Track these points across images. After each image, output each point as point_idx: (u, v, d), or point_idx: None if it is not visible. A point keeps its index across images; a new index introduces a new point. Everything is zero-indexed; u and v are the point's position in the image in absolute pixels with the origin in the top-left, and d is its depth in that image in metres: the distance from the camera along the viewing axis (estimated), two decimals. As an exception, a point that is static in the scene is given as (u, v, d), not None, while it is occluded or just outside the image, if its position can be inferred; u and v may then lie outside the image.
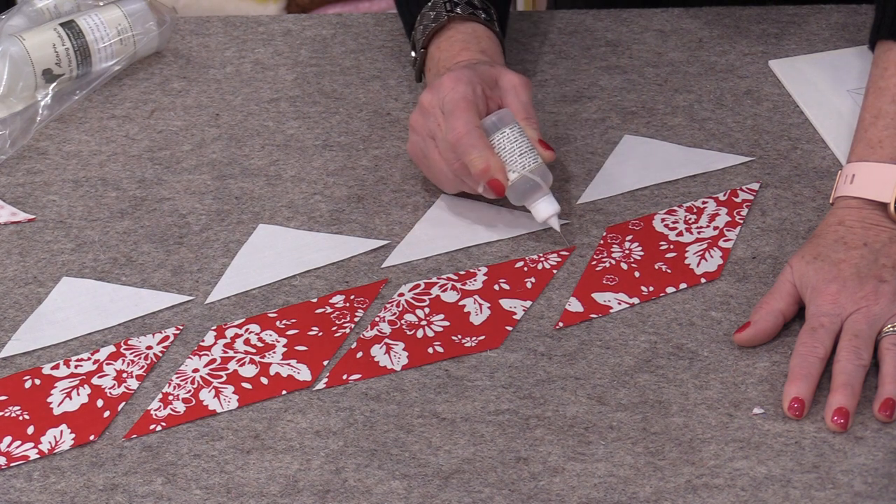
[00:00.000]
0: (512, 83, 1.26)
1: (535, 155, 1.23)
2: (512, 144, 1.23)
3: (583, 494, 1.04)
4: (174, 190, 1.33)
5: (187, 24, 1.55)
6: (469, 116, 1.22)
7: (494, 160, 1.22)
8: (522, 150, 1.23)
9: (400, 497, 1.05)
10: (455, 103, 1.23)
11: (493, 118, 1.24)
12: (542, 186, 1.23)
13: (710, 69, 1.44)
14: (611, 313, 1.19)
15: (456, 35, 1.33)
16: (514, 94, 1.26)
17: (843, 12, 1.49)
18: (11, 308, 1.22)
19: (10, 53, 1.41)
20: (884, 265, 1.15)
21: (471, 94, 1.23)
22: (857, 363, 1.10)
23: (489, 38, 1.33)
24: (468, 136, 1.22)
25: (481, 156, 1.22)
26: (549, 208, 1.23)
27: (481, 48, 1.32)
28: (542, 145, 1.25)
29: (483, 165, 1.22)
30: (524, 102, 1.26)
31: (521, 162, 1.23)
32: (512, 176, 1.23)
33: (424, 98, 1.26)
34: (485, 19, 1.33)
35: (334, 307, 1.20)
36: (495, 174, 1.22)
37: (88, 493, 1.06)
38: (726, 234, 1.25)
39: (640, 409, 1.10)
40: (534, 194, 1.23)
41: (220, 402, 1.12)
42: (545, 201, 1.23)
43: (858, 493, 1.03)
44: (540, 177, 1.23)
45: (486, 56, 1.31)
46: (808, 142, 1.35)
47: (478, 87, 1.25)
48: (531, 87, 1.28)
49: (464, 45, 1.32)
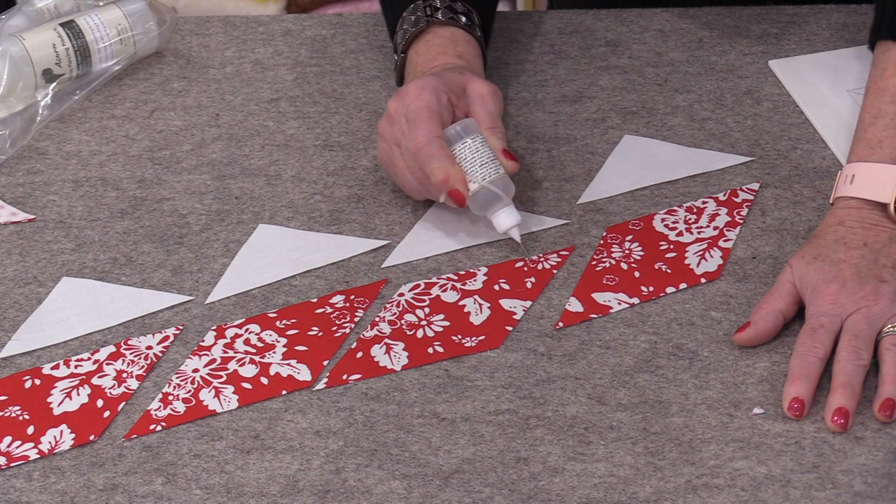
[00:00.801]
0: (479, 92, 1.26)
1: (498, 165, 1.23)
2: (473, 155, 1.22)
3: (583, 494, 1.04)
4: (174, 190, 1.33)
5: (187, 24, 1.55)
6: (431, 126, 1.22)
7: (454, 171, 1.22)
8: (483, 161, 1.22)
9: (400, 497, 1.05)
10: (418, 112, 1.23)
11: (456, 128, 1.23)
12: (502, 197, 1.22)
13: (710, 69, 1.44)
14: (611, 313, 1.19)
15: (434, 39, 1.33)
16: (481, 102, 1.26)
17: (843, 12, 1.49)
18: (11, 308, 1.22)
19: (10, 53, 1.41)
20: (884, 265, 1.15)
21: (434, 102, 1.23)
22: (857, 363, 1.10)
23: (468, 42, 1.33)
24: (429, 146, 1.22)
25: (441, 166, 1.21)
26: (510, 219, 1.23)
27: (458, 52, 1.32)
28: (506, 156, 1.24)
29: (442, 176, 1.21)
30: (490, 111, 1.26)
31: (481, 172, 1.22)
32: (472, 186, 1.22)
33: (391, 105, 1.26)
34: (465, 24, 1.33)
35: (334, 307, 1.20)
36: (455, 185, 1.22)
37: (88, 493, 1.06)
38: (726, 234, 1.25)
39: (640, 409, 1.10)
40: (494, 205, 1.22)
41: (220, 402, 1.12)
42: (506, 212, 1.23)
43: (858, 493, 1.03)
44: (500, 188, 1.22)
45: (462, 60, 1.31)
46: (808, 142, 1.35)
47: (443, 95, 1.24)
48: (500, 95, 1.27)
49: (441, 50, 1.32)
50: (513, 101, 1.41)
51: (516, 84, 1.43)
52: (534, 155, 1.35)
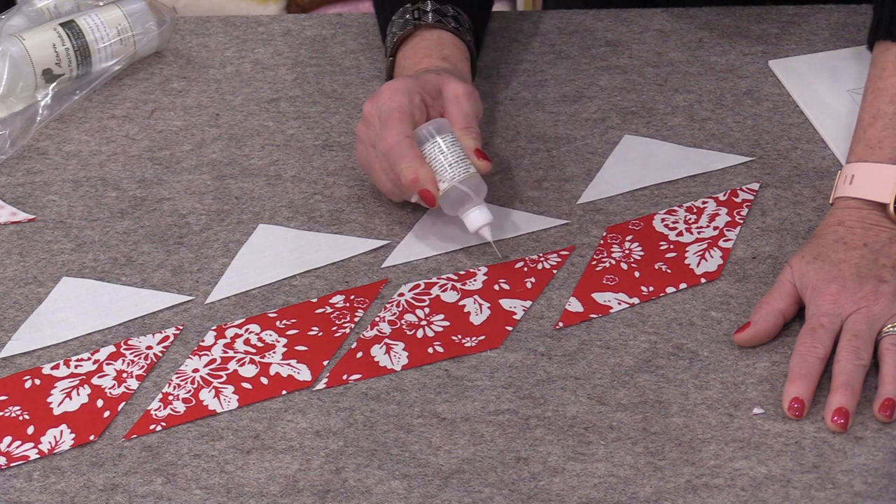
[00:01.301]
0: (455, 92, 1.26)
1: (468, 165, 1.22)
2: (443, 154, 1.22)
3: (583, 494, 1.04)
4: (174, 190, 1.33)
5: (187, 24, 1.55)
6: (401, 127, 1.22)
7: (424, 171, 1.21)
8: (453, 161, 1.22)
9: (400, 497, 1.05)
10: (389, 113, 1.23)
11: (428, 127, 1.23)
12: (472, 197, 1.22)
13: (710, 69, 1.44)
14: (611, 313, 1.19)
15: (421, 42, 1.33)
16: (456, 103, 1.25)
17: (843, 12, 1.49)
18: (11, 308, 1.22)
19: (10, 53, 1.41)
20: (884, 265, 1.15)
21: (406, 103, 1.23)
22: (857, 363, 1.10)
23: (454, 45, 1.33)
24: (398, 146, 1.22)
25: (410, 166, 1.21)
26: (481, 218, 1.22)
27: (443, 55, 1.32)
28: (479, 155, 1.24)
29: (412, 176, 1.21)
30: (465, 112, 1.25)
31: (451, 172, 1.22)
32: (442, 186, 1.22)
33: (366, 107, 1.26)
34: (453, 27, 1.33)
35: (334, 307, 1.20)
36: (425, 185, 1.21)
37: (88, 493, 1.06)
38: (726, 234, 1.25)
39: (640, 409, 1.10)
40: (465, 204, 1.22)
41: (220, 402, 1.12)
42: (476, 211, 1.22)
43: (858, 493, 1.03)
44: (470, 187, 1.22)
45: (447, 63, 1.31)
46: (808, 142, 1.35)
47: (416, 96, 1.24)
48: (476, 96, 1.27)
49: (426, 53, 1.32)
50: (513, 101, 1.41)
51: (516, 84, 1.43)
52: (534, 155, 1.35)
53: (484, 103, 1.41)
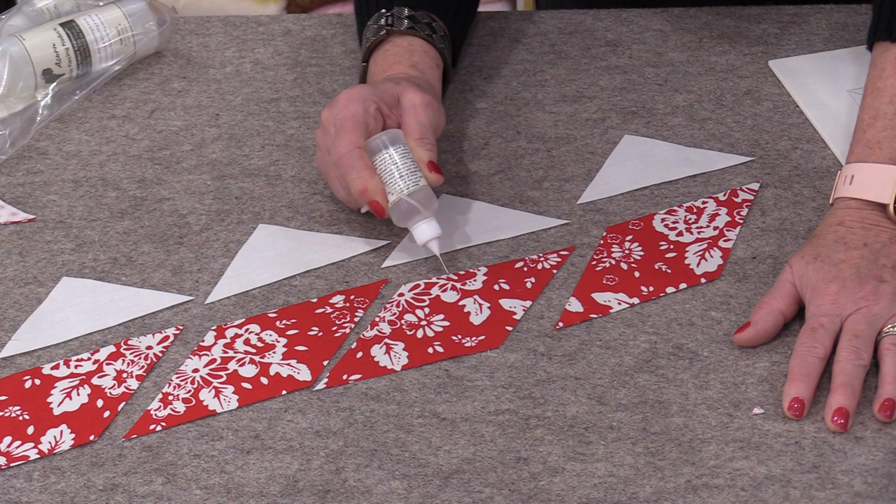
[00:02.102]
0: (412, 102, 1.25)
1: (419, 177, 1.22)
2: (392, 166, 1.21)
3: (583, 494, 1.04)
4: (174, 190, 1.33)
5: (187, 24, 1.55)
6: (352, 137, 1.22)
7: (372, 182, 1.21)
8: (403, 172, 1.21)
9: (400, 497, 1.05)
10: (343, 122, 1.22)
11: (382, 138, 1.22)
12: (420, 210, 1.21)
13: (710, 69, 1.44)
14: (611, 313, 1.19)
15: (392, 49, 1.33)
16: (413, 113, 1.25)
17: (843, 12, 1.49)
18: (11, 308, 1.22)
19: (10, 53, 1.41)
20: (884, 265, 1.15)
21: (360, 112, 1.23)
22: (857, 363, 1.10)
23: (425, 52, 1.33)
24: (348, 156, 1.21)
25: (359, 177, 1.21)
26: (428, 232, 1.21)
27: (413, 62, 1.31)
28: (431, 168, 1.23)
29: (360, 187, 1.21)
30: (421, 122, 1.24)
31: (400, 184, 1.21)
32: (391, 198, 1.21)
33: (323, 114, 1.25)
34: (426, 35, 1.33)
35: (334, 307, 1.20)
36: (373, 196, 1.21)
37: (88, 493, 1.06)
38: (726, 234, 1.25)
39: (640, 409, 1.10)
40: (413, 217, 1.21)
41: (220, 402, 1.12)
42: (425, 225, 1.21)
43: (858, 493, 1.03)
44: (418, 200, 1.21)
45: (416, 70, 1.31)
46: (808, 142, 1.35)
47: (371, 105, 1.24)
48: (435, 106, 1.26)
49: (396, 60, 1.32)
50: (513, 101, 1.41)
51: (516, 84, 1.43)
52: (534, 155, 1.35)
53: (484, 103, 1.41)
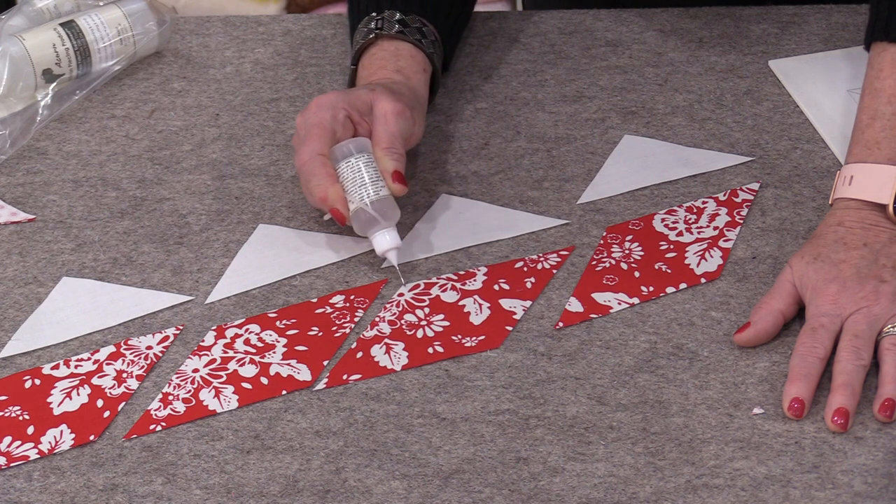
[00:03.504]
0: (383, 111, 1.24)
1: (381, 186, 1.21)
2: (354, 174, 1.21)
3: (583, 494, 1.04)
4: (174, 190, 1.33)
5: (187, 24, 1.55)
6: (315, 144, 1.21)
7: (333, 189, 1.21)
8: (365, 181, 1.21)
9: (400, 497, 1.05)
10: (310, 129, 1.22)
11: (348, 145, 1.22)
12: (379, 220, 1.20)
13: (710, 69, 1.44)
14: (611, 313, 1.19)
15: (378, 53, 1.33)
16: (384, 121, 1.24)
17: (843, 12, 1.49)
18: (11, 308, 1.22)
19: (10, 53, 1.41)
20: (884, 265, 1.15)
21: (328, 119, 1.22)
22: (858, 363, 1.10)
23: (412, 57, 1.33)
24: (309, 163, 1.21)
25: (320, 184, 1.21)
26: (386, 242, 1.21)
27: (398, 67, 1.31)
28: (395, 178, 1.22)
29: (320, 194, 1.21)
30: (391, 131, 1.24)
31: (360, 193, 1.21)
32: (352, 206, 1.21)
33: (297, 119, 1.26)
34: (415, 39, 1.33)
35: (334, 307, 1.20)
36: (333, 204, 1.21)
37: (88, 493, 1.06)
38: (726, 234, 1.25)
39: (640, 409, 1.10)
40: (373, 226, 1.21)
41: (220, 402, 1.12)
42: (383, 235, 1.21)
43: (858, 493, 1.03)
44: (378, 210, 1.20)
45: (400, 75, 1.30)
46: (808, 142, 1.35)
47: (340, 112, 1.23)
48: (407, 115, 1.25)
49: (381, 64, 1.32)
50: (513, 101, 1.41)
51: (516, 84, 1.43)
52: (534, 155, 1.35)
53: (484, 103, 1.41)
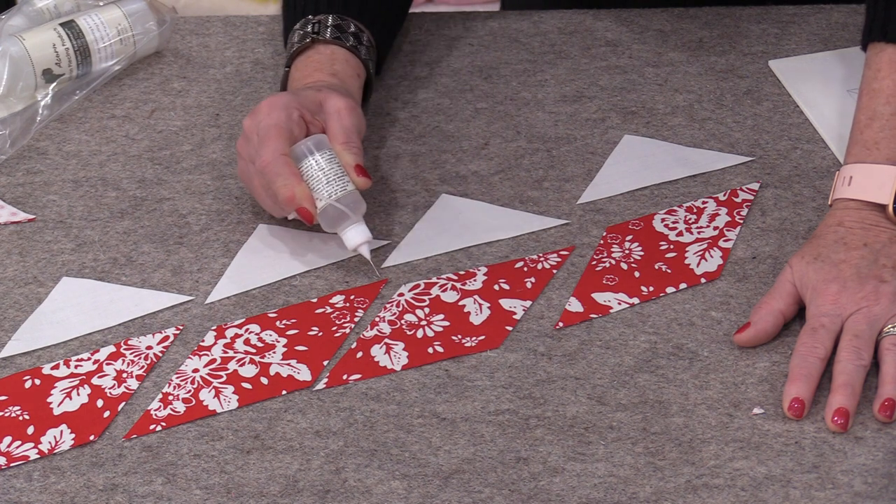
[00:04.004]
0: (336, 107, 1.24)
1: (346, 182, 1.21)
2: (319, 172, 1.21)
3: (583, 494, 1.04)
4: (174, 190, 1.33)
5: (187, 24, 1.55)
6: (277, 144, 1.21)
7: (300, 188, 1.20)
8: (330, 178, 1.21)
9: (400, 497, 1.05)
10: (266, 130, 1.22)
11: (307, 143, 1.22)
12: (349, 215, 1.21)
13: (710, 69, 1.44)
14: (611, 313, 1.19)
15: (314, 56, 1.32)
16: (338, 118, 1.24)
17: (843, 12, 1.49)
18: (11, 308, 1.22)
19: (10, 53, 1.41)
20: (884, 265, 1.15)
21: (284, 119, 1.22)
22: (858, 363, 1.10)
23: (346, 61, 1.32)
24: (273, 163, 1.21)
25: (286, 184, 1.20)
26: (358, 237, 1.21)
27: (333, 70, 1.31)
28: (358, 171, 1.22)
29: (288, 194, 1.20)
30: (346, 127, 1.24)
31: (327, 190, 1.21)
32: (319, 204, 1.21)
33: (245, 123, 1.25)
34: (351, 45, 1.32)
35: (334, 307, 1.20)
36: (301, 202, 1.20)
37: (88, 493, 1.06)
38: (726, 234, 1.25)
39: (640, 409, 1.10)
40: (343, 222, 1.21)
41: (220, 402, 1.12)
42: (354, 229, 1.21)
43: (858, 493, 1.03)
44: (347, 205, 1.21)
45: (336, 79, 1.30)
46: (808, 142, 1.35)
47: (294, 112, 1.23)
48: (359, 111, 1.26)
49: (317, 67, 1.31)
50: (513, 101, 1.41)
51: (516, 84, 1.43)
52: (534, 155, 1.35)
53: (484, 103, 1.41)
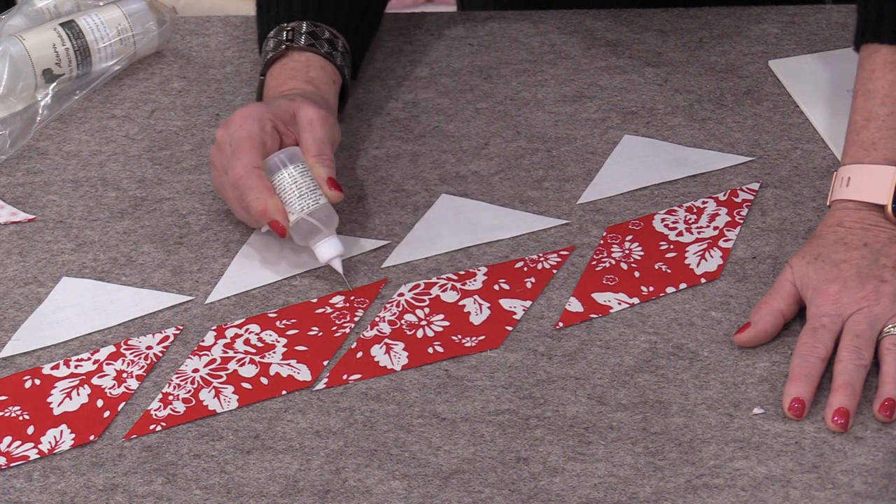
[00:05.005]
0: (308, 118, 1.24)
1: (319, 195, 1.21)
2: (292, 185, 1.20)
3: (583, 494, 1.04)
4: (174, 190, 1.33)
5: (187, 24, 1.55)
6: (250, 156, 1.21)
7: (272, 202, 1.20)
8: (303, 191, 1.20)
9: (400, 497, 1.05)
10: (239, 142, 1.21)
11: (280, 156, 1.22)
12: (321, 229, 1.20)
13: (710, 69, 1.44)
14: (611, 313, 1.19)
15: (289, 64, 1.32)
16: (310, 129, 1.24)
17: (843, 12, 1.49)
18: (11, 308, 1.22)
19: (10, 53, 1.41)
20: (884, 265, 1.15)
21: (257, 131, 1.22)
22: (858, 363, 1.10)
23: (321, 68, 1.32)
24: (246, 177, 1.20)
25: (258, 198, 1.20)
26: (330, 251, 1.21)
27: (308, 77, 1.30)
28: (330, 185, 1.22)
29: (260, 208, 1.20)
30: (318, 138, 1.23)
31: (300, 203, 1.20)
32: (292, 217, 1.20)
33: (218, 133, 1.24)
34: (325, 52, 1.32)
35: (334, 307, 1.20)
36: (273, 216, 1.20)
37: (88, 493, 1.06)
38: (726, 234, 1.25)
39: (640, 409, 1.10)
40: (315, 235, 1.21)
41: (220, 402, 1.12)
42: (326, 243, 1.21)
43: (858, 493, 1.03)
44: (319, 219, 1.20)
45: (311, 86, 1.30)
46: (808, 142, 1.35)
47: (267, 123, 1.23)
48: (331, 121, 1.25)
49: (291, 75, 1.31)
50: (513, 101, 1.41)
51: (516, 84, 1.43)
52: (534, 155, 1.35)
53: (484, 103, 1.41)
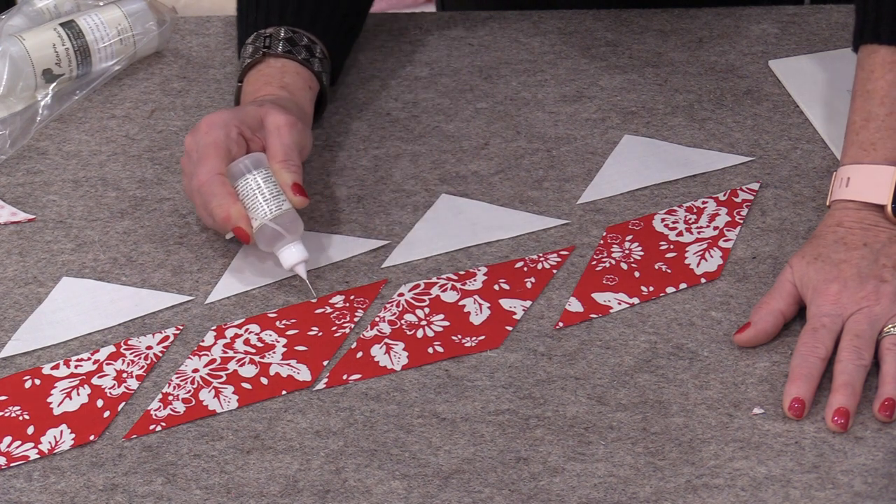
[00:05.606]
0: (276, 124, 1.24)
1: (283, 201, 1.21)
2: (255, 191, 1.20)
3: (583, 494, 1.04)
4: (174, 190, 1.33)
5: (187, 24, 1.55)
6: (213, 163, 1.21)
7: (235, 208, 1.20)
8: (266, 197, 1.20)
9: (400, 497, 1.05)
10: (204, 149, 1.21)
11: (244, 161, 1.21)
12: (285, 235, 1.20)
13: (710, 69, 1.44)
14: (611, 313, 1.19)
15: (265, 69, 1.32)
16: (277, 135, 1.23)
17: (843, 12, 1.49)
18: (11, 308, 1.22)
19: (10, 53, 1.41)
20: (884, 265, 1.15)
21: (222, 138, 1.22)
22: (858, 363, 1.10)
23: (297, 73, 1.32)
24: (208, 184, 1.20)
25: (221, 204, 1.20)
26: (294, 257, 1.20)
27: (283, 83, 1.30)
28: (295, 190, 1.21)
29: (223, 214, 1.20)
30: (285, 144, 1.23)
31: (263, 209, 1.20)
32: (255, 223, 1.20)
33: (186, 140, 1.24)
34: (302, 58, 1.32)
35: (334, 307, 1.20)
36: (237, 223, 1.20)
37: (88, 493, 1.06)
38: (726, 234, 1.25)
39: (640, 409, 1.10)
40: (279, 241, 1.20)
41: (220, 402, 1.12)
42: (290, 249, 1.20)
43: (858, 493, 1.03)
44: (282, 224, 1.20)
45: (286, 91, 1.30)
46: (808, 142, 1.35)
47: (233, 129, 1.23)
48: (299, 127, 1.25)
49: (267, 81, 1.31)
50: (513, 101, 1.41)
51: (516, 84, 1.43)
52: (534, 155, 1.35)
53: (484, 103, 1.41)
